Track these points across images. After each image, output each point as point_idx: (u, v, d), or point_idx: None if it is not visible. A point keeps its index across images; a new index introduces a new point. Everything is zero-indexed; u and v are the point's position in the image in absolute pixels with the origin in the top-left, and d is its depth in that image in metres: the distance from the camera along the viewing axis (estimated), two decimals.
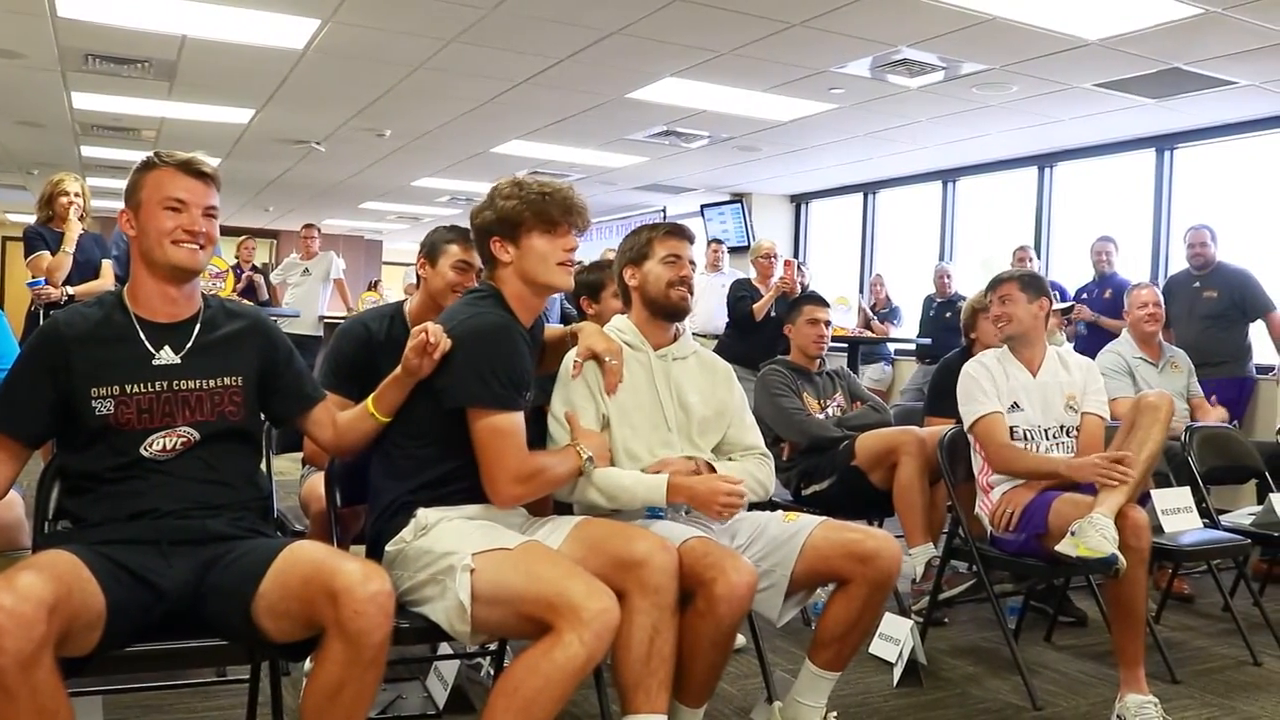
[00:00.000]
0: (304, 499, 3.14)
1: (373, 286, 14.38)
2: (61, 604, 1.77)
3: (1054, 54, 6.03)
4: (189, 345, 2.30)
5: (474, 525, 2.39)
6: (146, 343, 2.26)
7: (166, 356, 2.27)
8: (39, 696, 1.73)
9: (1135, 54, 5.95)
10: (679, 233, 2.93)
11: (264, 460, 2.51)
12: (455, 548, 2.28)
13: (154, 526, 2.16)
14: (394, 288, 15.10)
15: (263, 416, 2.48)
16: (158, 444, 2.22)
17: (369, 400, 2.46)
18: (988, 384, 3.57)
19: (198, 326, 2.33)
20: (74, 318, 2.27)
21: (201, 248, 2.28)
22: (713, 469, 2.72)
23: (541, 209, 2.51)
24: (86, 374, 2.19)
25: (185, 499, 2.21)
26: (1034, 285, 3.70)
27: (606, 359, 2.73)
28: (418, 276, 3.37)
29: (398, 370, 2.42)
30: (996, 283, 3.74)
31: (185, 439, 2.25)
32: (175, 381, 2.25)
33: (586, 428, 2.68)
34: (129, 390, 2.21)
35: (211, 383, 2.29)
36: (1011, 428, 3.53)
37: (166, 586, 2.10)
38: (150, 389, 2.23)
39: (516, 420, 2.44)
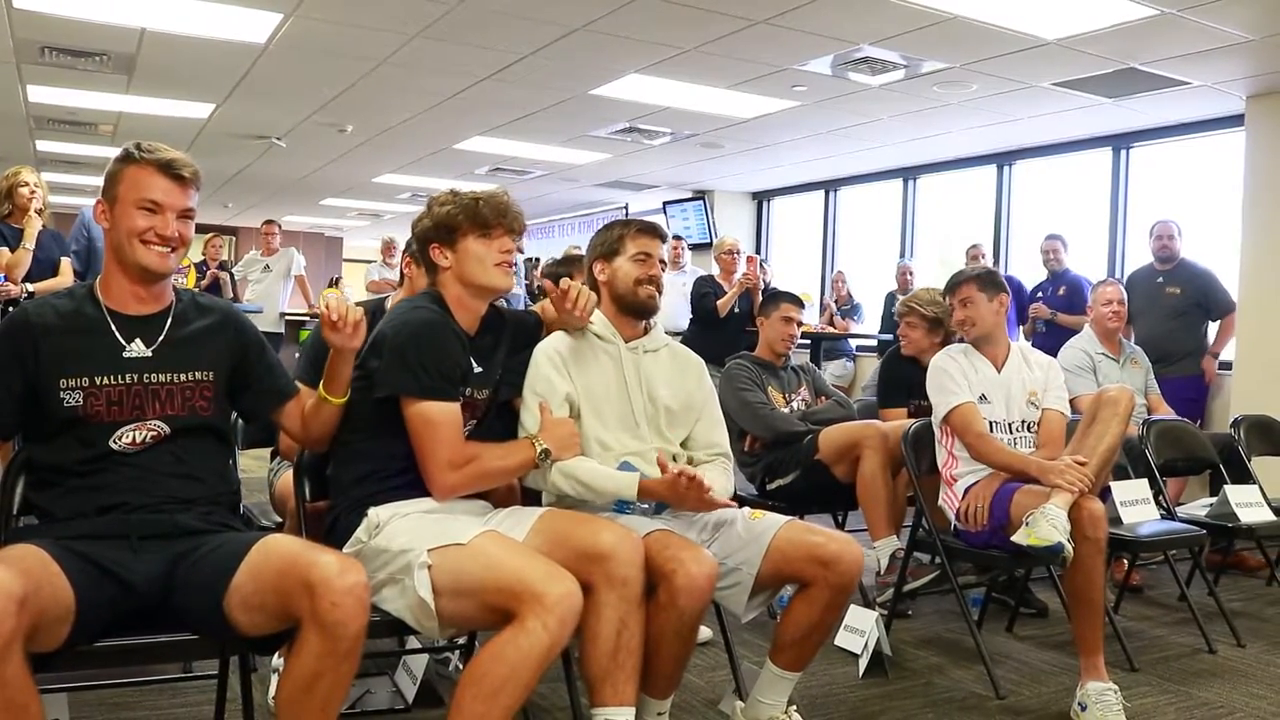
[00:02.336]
0: (280, 494, 3.12)
1: (334, 284, 14.30)
2: (30, 598, 1.76)
3: (1013, 53, 6.10)
4: (160, 339, 2.29)
5: (430, 520, 2.40)
6: (117, 334, 2.25)
7: (137, 349, 2.25)
8: (9, 690, 1.72)
9: (1092, 54, 6.03)
10: (651, 231, 2.95)
11: (233, 455, 2.49)
12: (410, 545, 2.29)
13: (123, 521, 2.15)
14: (354, 285, 15.01)
15: (233, 412, 2.47)
16: (127, 437, 2.21)
17: (320, 385, 2.46)
18: (959, 376, 3.63)
19: (169, 320, 2.32)
20: (43, 308, 2.25)
21: (173, 250, 2.27)
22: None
23: (475, 212, 2.58)
24: (55, 364, 2.18)
25: (155, 493, 2.20)
26: (992, 283, 3.76)
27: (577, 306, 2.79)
28: (402, 275, 3.38)
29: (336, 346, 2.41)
30: (955, 284, 3.79)
31: (155, 432, 2.24)
32: (146, 375, 2.24)
33: (559, 417, 2.69)
34: (99, 382, 2.19)
35: (182, 377, 2.28)
36: None
37: (135, 581, 2.09)
38: (120, 381, 2.21)
39: (448, 410, 2.48)
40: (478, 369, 2.61)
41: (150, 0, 5.78)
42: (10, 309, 5.20)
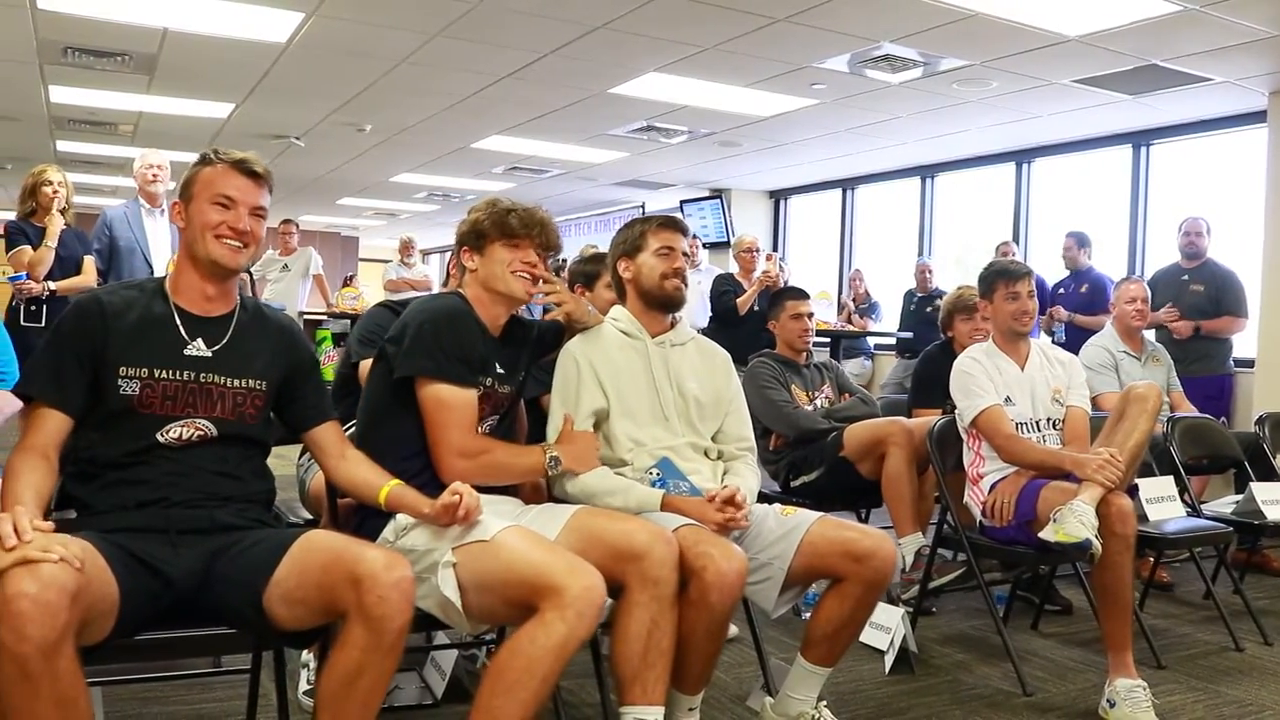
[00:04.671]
0: (315, 493, 3.13)
1: (348, 282, 14.31)
2: (82, 592, 1.78)
3: (1034, 50, 6.09)
4: (222, 342, 2.32)
5: None
6: (182, 331, 2.29)
7: (198, 348, 2.29)
8: (60, 684, 1.74)
9: (1113, 50, 6.02)
10: (673, 225, 2.98)
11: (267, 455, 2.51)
12: (435, 544, 2.30)
13: (163, 515, 2.17)
14: (371, 284, 15.04)
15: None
16: (174, 432, 2.24)
17: (386, 490, 2.41)
18: (983, 378, 3.61)
19: (233, 325, 2.36)
20: (115, 295, 2.30)
21: (245, 246, 2.31)
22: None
23: (503, 222, 2.64)
24: (119, 351, 2.21)
25: (194, 489, 2.22)
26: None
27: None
28: (448, 274, 3.42)
29: (424, 505, 2.34)
30: (1019, 274, 3.72)
31: (202, 432, 2.26)
32: (202, 374, 2.27)
33: (580, 430, 2.72)
34: (157, 374, 2.23)
35: (236, 382, 2.31)
36: None
37: (175, 575, 2.11)
38: (177, 377, 2.24)
39: (463, 394, 2.52)
40: (500, 369, 2.65)
41: (173, 0, 5.81)
42: (33, 307, 5.26)
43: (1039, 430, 3.63)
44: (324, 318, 9.90)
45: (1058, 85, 6.85)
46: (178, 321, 2.30)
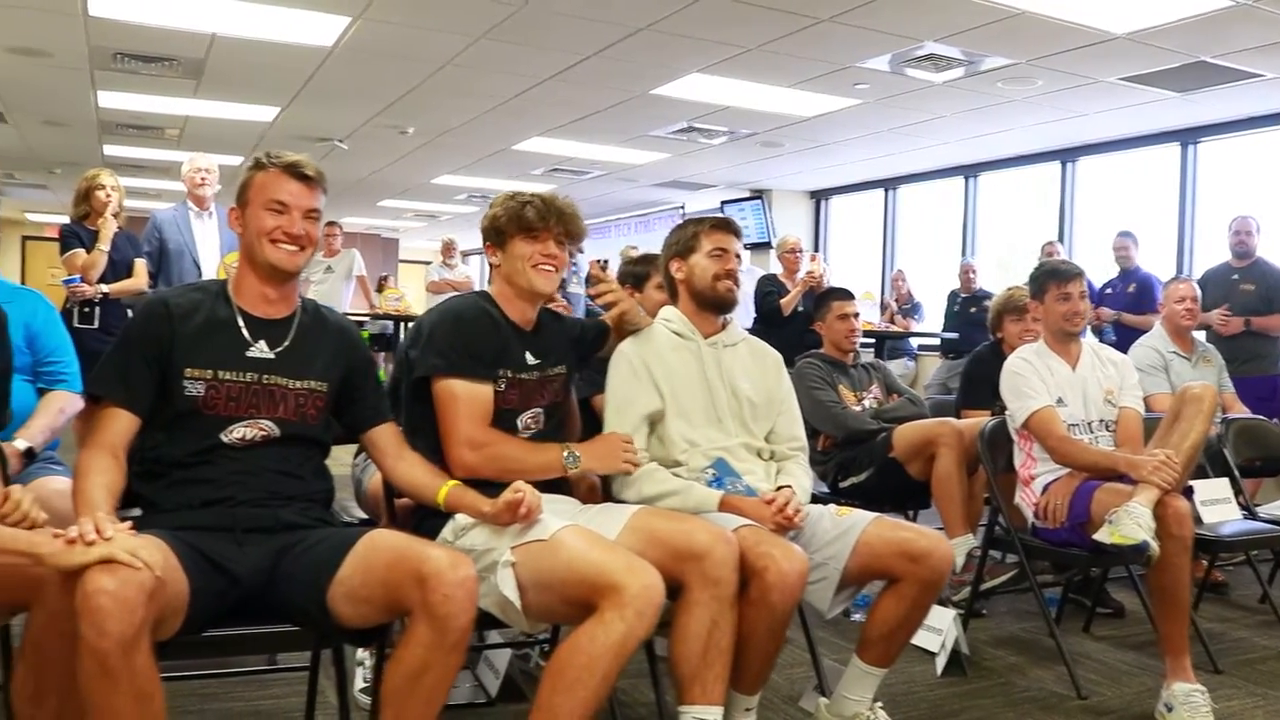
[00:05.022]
0: (372, 493, 3.16)
1: (383, 284, 14.36)
2: (158, 589, 1.81)
3: (1081, 48, 6.04)
4: (284, 344, 2.36)
5: None
6: (245, 333, 2.32)
7: (261, 350, 2.33)
8: (137, 680, 1.77)
9: (1162, 47, 5.96)
10: (725, 226, 2.99)
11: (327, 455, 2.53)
12: (494, 543, 2.30)
13: (228, 514, 2.20)
14: (411, 286, 15.13)
15: None
16: (237, 433, 2.27)
17: (445, 490, 2.43)
18: (1034, 379, 3.58)
19: (294, 327, 2.39)
20: (181, 297, 2.34)
21: (301, 249, 2.34)
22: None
23: (519, 215, 2.63)
24: (184, 352, 2.25)
25: (259, 488, 2.26)
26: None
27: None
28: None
29: (483, 504, 2.36)
30: (1070, 275, 3.69)
31: (265, 433, 2.30)
32: (265, 375, 2.31)
33: (609, 433, 2.74)
34: (221, 376, 2.26)
35: (298, 384, 2.35)
36: None
37: (241, 573, 2.14)
38: (241, 378, 2.28)
39: (472, 388, 2.53)
40: (532, 359, 2.65)
41: (221, 6, 5.88)
42: (87, 309, 5.33)
43: (1091, 432, 3.60)
44: (366, 318, 9.97)
45: (1104, 83, 6.79)
46: (241, 324, 2.33)
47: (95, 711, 1.77)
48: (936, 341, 9.02)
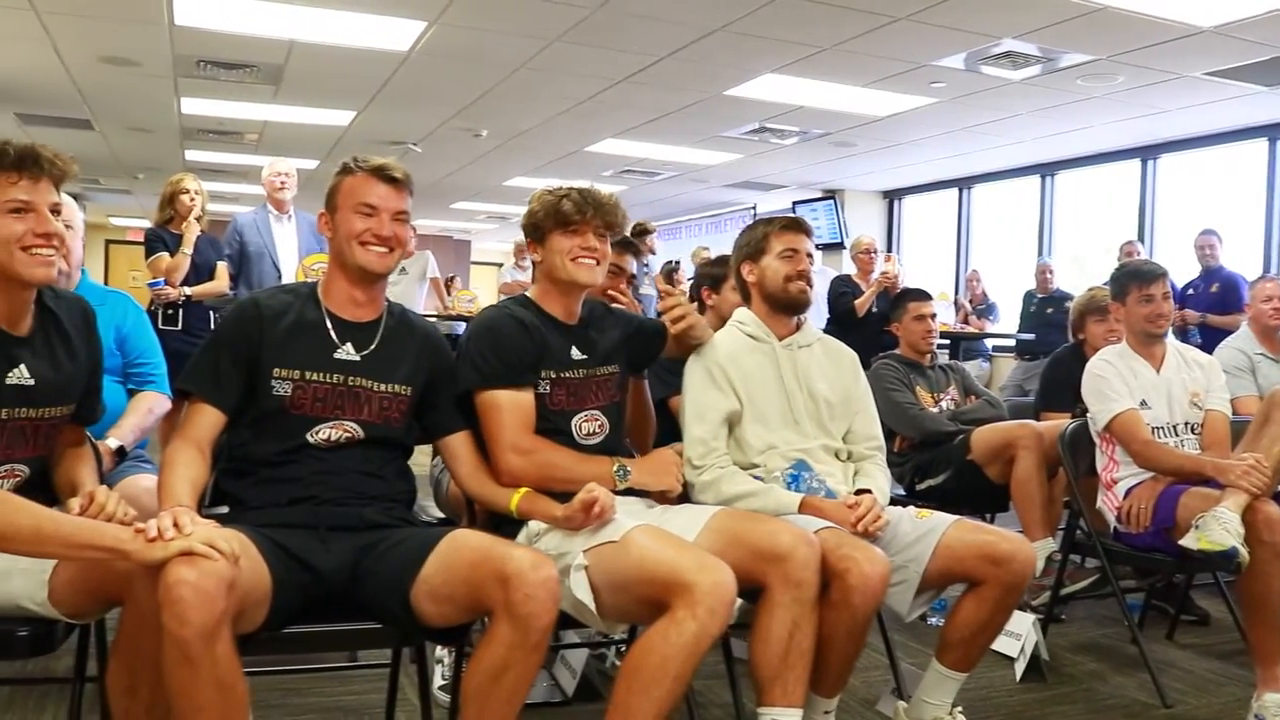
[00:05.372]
0: (455, 495, 3.19)
1: (450, 283, 14.42)
2: (238, 581, 1.85)
3: (1164, 43, 5.93)
4: (370, 347, 2.40)
5: None
6: (333, 335, 2.37)
7: (347, 352, 2.37)
8: (219, 669, 1.80)
9: (1250, 40, 5.83)
10: (796, 226, 2.96)
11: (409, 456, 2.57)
12: (567, 547, 2.31)
13: (313, 512, 2.24)
14: (482, 287, 15.24)
15: None
16: (322, 433, 2.31)
17: (517, 497, 2.45)
18: (1117, 381, 3.51)
19: (380, 331, 2.43)
20: (273, 299, 2.39)
21: (390, 251, 2.38)
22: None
23: (556, 209, 2.61)
24: (274, 353, 2.30)
25: (343, 488, 2.29)
26: None
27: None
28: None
29: (555, 508, 2.37)
30: (1153, 276, 3.61)
31: (349, 434, 2.33)
32: (351, 378, 2.35)
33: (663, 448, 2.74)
34: (308, 377, 2.31)
35: (383, 387, 2.38)
36: None
37: (324, 569, 2.17)
38: (327, 380, 2.32)
39: (512, 396, 2.52)
40: (579, 354, 2.64)
41: (301, 13, 5.99)
42: (170, 311, 5.45)
43: (1176, 435, 3.52)
44: (435, 318, 10.06)
45: (1188, 78, 6.66)
46: (329, 326, 2.37)
47: (178, 700, 1.81)
48: (1011, 342, 8.90)
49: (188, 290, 5.49)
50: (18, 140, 2.07)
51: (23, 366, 2.13)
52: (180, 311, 5.47)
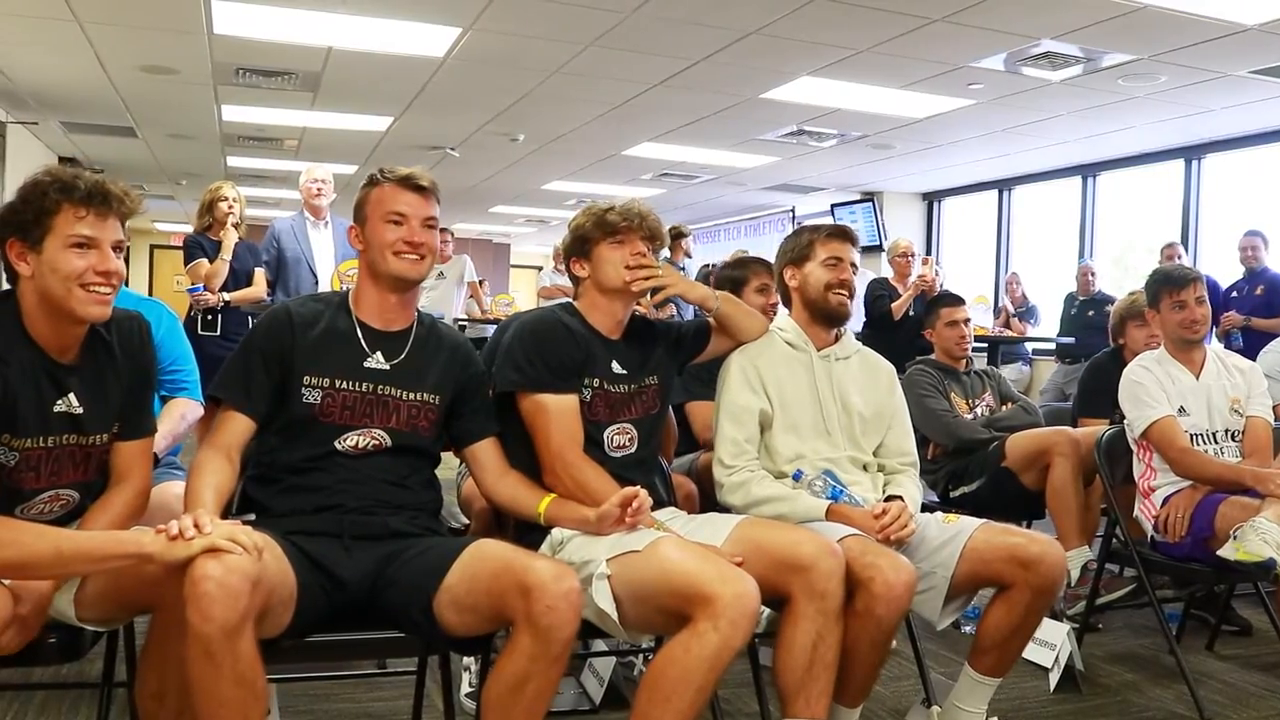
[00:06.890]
0: (466, 498, 3.21)
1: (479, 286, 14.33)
2: (262, 579, 1.86)
3: (1208, 41, 5.83)
4: (400, 356, 2.41)
5: None
6: (363, 344, 2.39)
7: (377, 361, 2.38)
8: (240, 665, 1.81)
9: None
10: (842, 235, 2.94)
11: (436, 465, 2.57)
12: (590, 555, 2.30)
13: (338, 521, 2.25)
14: (521, 290, 15.26)
15: None
16: (351, 441, 2.32)
17: (544, 504, 2.46)
18: (1155, 387, 3.45)
19: (410, 340, 2.44)
20: (304, 307, 2.42)
21: (422, 258, 2.40)
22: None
23: (603, 220, 2.64)
24: (304, 360, 2.32)
25: (368, 496, 2.30)
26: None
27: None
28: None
29: (586, 510, 2.38)
30: (1188, 280, 3.55)
31: (377, 442, 2.35)
32: (381, 386, 2.36)
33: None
34: (338, 385, 2.33)
35: (412, 395, 2.40)
36: None
37: (346, 577, 2.18)
38: (357, 388, 2.34)
39: (557, 400, 2.52)
40: (620, 368, 2.64)
41: (338, 20, 6.03)
42: (209, 317, 5.51)
43: (1215, 442, 3.46)
44: (466, 322, 10.09)
45: (1233, 77, 6.55)
46: (359, 334, 2.39)
47: (199, 695, 1.82)
48: (1052, 346, 8.80)
49: (226, 296, 5.55)
50: (87, 176, 2.08)
51: (71, 396, 2.15)
52: (219, 317, 5.53)
